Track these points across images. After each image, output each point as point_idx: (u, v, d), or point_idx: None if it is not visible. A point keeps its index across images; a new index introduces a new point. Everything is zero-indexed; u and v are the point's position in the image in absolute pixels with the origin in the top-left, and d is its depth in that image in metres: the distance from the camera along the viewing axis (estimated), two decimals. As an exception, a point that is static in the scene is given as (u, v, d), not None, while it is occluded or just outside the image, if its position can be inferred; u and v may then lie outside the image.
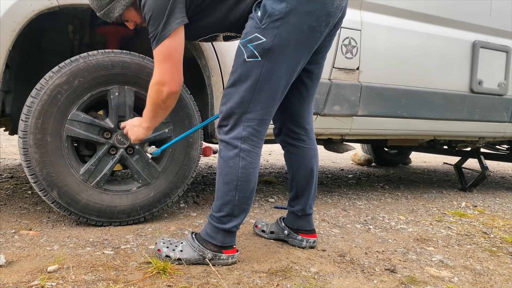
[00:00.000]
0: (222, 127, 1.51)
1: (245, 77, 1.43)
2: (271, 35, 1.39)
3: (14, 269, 1.38)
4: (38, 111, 1.72)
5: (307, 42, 1.45)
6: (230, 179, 1.47)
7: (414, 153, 6.53)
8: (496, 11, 2.93)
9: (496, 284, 1.55)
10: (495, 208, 2.97)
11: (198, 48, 2.02)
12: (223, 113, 1.49)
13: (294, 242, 1.79)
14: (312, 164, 1.74)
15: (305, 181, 1.74)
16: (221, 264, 1.52)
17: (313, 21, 1.41)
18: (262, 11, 1.40)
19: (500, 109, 3.03)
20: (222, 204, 1.49)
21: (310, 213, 1.78)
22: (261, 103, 1.46)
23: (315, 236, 1.79)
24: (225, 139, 1.48)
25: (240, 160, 1.46)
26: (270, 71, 1.43)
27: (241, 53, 1.44)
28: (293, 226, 1.79)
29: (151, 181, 1.96)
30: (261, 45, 1.40)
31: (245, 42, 1.43)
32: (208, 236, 1.52)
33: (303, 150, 1.73)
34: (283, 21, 1.38)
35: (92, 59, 1.79)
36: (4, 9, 1.65)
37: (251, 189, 1.51)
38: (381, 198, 3.05)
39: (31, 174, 1.74)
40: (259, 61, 1.41)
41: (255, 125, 1.47)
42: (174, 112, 1.96)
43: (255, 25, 1.41)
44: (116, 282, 1.32)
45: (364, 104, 2.49)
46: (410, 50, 2.62)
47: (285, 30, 1.39)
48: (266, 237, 1.86)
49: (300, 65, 1.50)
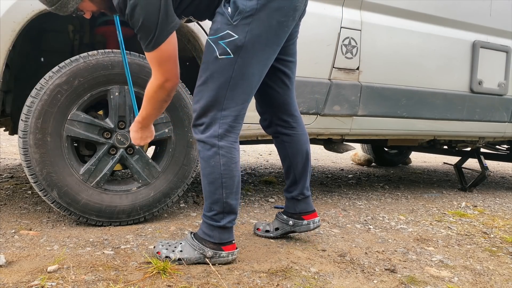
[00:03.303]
0: (197, 126, 1.50)
1: (218, 75, 1.42)
2: (243, 32, 1.39)
3: (14, 269, 1.38)
4: (38, 111, 1.72)
5: (276, 38, 1.47)
6: (214, 178, 1.47)
7: (414, 153, 6.52)
8: (496, 11, 2.93)
9: (496, 284, 1.55)
10: (495, 208, 2.97)
11: (198, 48, 2.03)
12: (197, 112, 1.48)
13: (302, 228, 1.80)
14: (307, 148, 1.79)
15: (302, 165, 1.79)
16: (221, 262, 1.52)
17: (281, 16, 1.43)
18: (233, 8, 1.39)
19: (500, 109, 3.03)
20: (211, 203, 1.50)
21: (309, 195, 1.82)
22: (235, 100, 1.46)
23: (317, 215, 1.83)
24: (202, 139, 1.48)
25: (220, 158, 1.46)
26: (243, 68, 1.43)
27: (212, 50, 1.43)
28: (296, 211, 1.81)
29: (151, 181, 1.96)
30: (233, 42, 1.39)
31: (216, 39, 1.42)
32: (205, 235, 1.53)
33: (297, 137, 1.77)
34: (254, 17, 1.39)
35: (92, 59, 1.79)
36: (4, 9, 1.66)
37: (236, 183, 1.51)
38: (381, 198, 3.05)
39: (31, 174, 1.74)
40: (232, 58, 1.41)
41: (231, 122, 1.47)
42: (174, 112, 1.96)
43: (226, 22, 1.40)
44: (116, 282, 1.32)
45: (364, 104, 2.49)
46: (410, 50, 2.62)
47: (256, 27, 1.40)
48: (272, 236, 1.86)
49: (271, 60, 1.51)
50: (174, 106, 1.95)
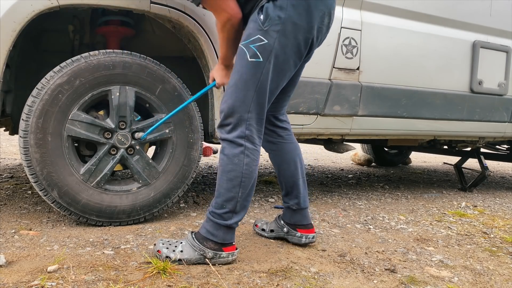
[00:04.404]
0: (224, 126, 1.53)
1: (247, 76, 1.48)
2: (272, 38, 1.46)
3: (14, 269, 1.38)
4: (39, 111, 1.72)
5: (299, 51, 1.53)
6: (234, 176, 1.50)
7: (414, 153, 6.53)
8: (496, 11, 2.93)
9: (496, 284, 1.56)
10: (495, 208, 2.97)
11: (198, 48, 2.03)
12: (224, 112, 1.52)
13: (294, 239, 1.79)
14: (294, 156, 1.77)
15: (290, 175, 1.77)
16: (221, 262, 1.52)
17: (307, 32, 1.50)
18: (264, 15, 1.47)
19: (500, 109, 3.03)
20: (225, 200, 1.51)
21: (305, 207, 1.80)
22: (260, 103, 1.51)
23: (313, 232, 1.80)
24: (229, 138, 1.51)
25: (244, 157, 1.50)
26: (270, 73, 1.49)
27: (243, 53, 1.49)
28: (290, 221, 1.80)
29: (151, 181, 1.96)
30: (263, 46, 1.46)
31: (247, 43, 1.48)
32: (209, 234, 1.53)
33: (282, 145, 1.78)
34: (282, 26, 1.46)
35: (94, 59, 1.79)
36: (5, 9, 1.65)
37: (252, 185, 1.54)
38: (381, 198, 3.05)
39: (32, 174, 1.75)
40: (261, 61, 1.47)
41: (256, 124, 1.52)
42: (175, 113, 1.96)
43: (257, 28, 1.48)
44: (116, 282, 1.32)
45: (364, 104, 2.49)
46: (410, 50, 2.62)
47: (283, 35, 1.47)
48: (266, 236, 1.87)
49: (291, 71, 1.58)
50: (174, 107, 1.95)
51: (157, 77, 1.92)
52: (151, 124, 1.92)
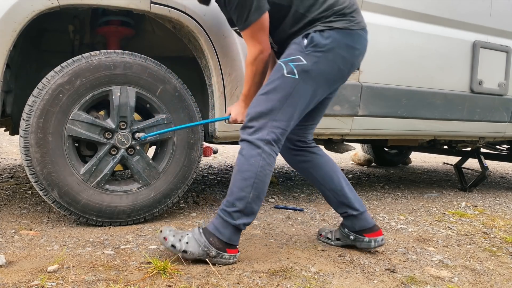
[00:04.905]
0: (247, 128, 1.59)
1: (280, 89, 1.56)
2: (311, 61, 1.56)
3: (14, 269, 1.38)
4: (40, 111, 1.73)
5: (333, 80, 1.64)
6: (248, 176, 1.54)
7: (414, 153, 6.53)
8: (496, 11, 2.93)
9: (496, 284, 1.56)
10: (495, 208, 2.97)
11: (198, 49, 2.03)
12: (250, 115, 1.58)
13: (362, 245, 1.77)
14: (333, 166, 1.81)
15: (336, 185, 1.79)
16: (222, 263, 1.53)
17: (343, 65, 1.62)
18: (309, 40, 1.57)
19: (500, 109, 3.03)
20: (236, 199, 1.54)
21: (364, 210, 1.79)
22: (286, 115, 1.58)
23: (381, 234, 1.78)
24: (249, 139, 1.56)
25: (261, 160, 1.54)
26: (302, 90, 1.57)
27: (280, 68, 1.58)
28: (355, 229, 1.79)
29: (151, 181, 1.96)
30: (301, 66, 1.56)
31: (286, 61, 1.58)
32: (216, 231, 1.55)
33: (318, 160, 1.81)
34: (324, 54, 1.56)
35: (94, 59, 1.80)
36: (5, 9, 1.65)
37: (263, 190, 1.57)
38: (381, 198, 3.05)
39: (32, 174, 1.75)
40: (296, 78, 1.56)
41: (278, 133, 1.58)
42: (175, 113, 1.97)
43: (299, 49, 1.58)
44: (116, 282, 1.32)
45: (365, 104, 2.49)
46: (410, 50, 2.62)
47: (322, 62, 1.57)
48: (333, 244, 1.85)
49: (320, 96, 1.66)
50: (175, 107, 1.96)
51: (158, 78, 1.92)
52: (152, 125, 1.92)
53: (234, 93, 2.08)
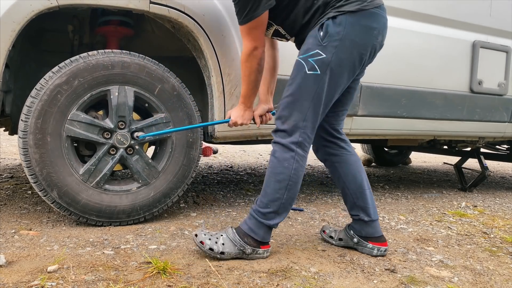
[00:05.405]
0: (278, 131, 1.62)
1: (305, 88, 1.57)
2: (330, 53, 1.55)
3: (14, 269, 1.38)
4: (38, 111, 1.72)
5: (354, 66, 1.62)
6: (282, 178, 1.58)
7: (414, 153, 6.53)
8: (496, 11, 2.93)
9: (496, 284, 1.55)
10: (495, 208, 2.97)
11: (198, 48, 2.02)
12: (281, 119, 1.61)
13: (364, 250, 1.77)
14: (359, 167, 1.80)
15: (357, 186, 1.78)
16: (257, 258, 1.61)
17: (362, 49, 1.60)
18: (324, 31, 1.56)
19: (500, 109, 3.03)
20: (270, 200, 1.59)
21: (376, 219, 1.78)
22: (315, 113, 1.60)
23: (386, 245, 1.77)
24: (282, 142, 1.60)
25: (294, 162, 1.58)
26: (326, 84, 1.58)
27: (301, 66, 1.58)
28: (361, 234, 1.78)
29: (151, 181, 1.96)
30: (321, 60, 1.55)
31: (306, 57, 1.58)
32: (251, 231, 1.60)
33: (346, 157, 1.81)
34: (340, 42, 1.55)
35: (92, 59, 1.79)
36: (4, 9, 1.65)
37: (296, 191, 1.61)
38: (381, 198, 3.05)
39: (31, 174, 1.74)
40: (319, 74, 1.56)
41: (309, 132, 1.61)
42: (174, 112, 1.96)
43: (317, 43, 1.57)
44: (116, 282, 1.32)
45: (364, 104, 2.49)
46: (410, 50, 2.62)
47: (340, 51, 1.56)
48: (334, 243, 1.86)
49: (344, 85, 1.66)
50: (174, 106, 1.95)
51: (156, 77, 1.92)
52: (150, 124, 1.92)
53: (233, 93, 2.08)
